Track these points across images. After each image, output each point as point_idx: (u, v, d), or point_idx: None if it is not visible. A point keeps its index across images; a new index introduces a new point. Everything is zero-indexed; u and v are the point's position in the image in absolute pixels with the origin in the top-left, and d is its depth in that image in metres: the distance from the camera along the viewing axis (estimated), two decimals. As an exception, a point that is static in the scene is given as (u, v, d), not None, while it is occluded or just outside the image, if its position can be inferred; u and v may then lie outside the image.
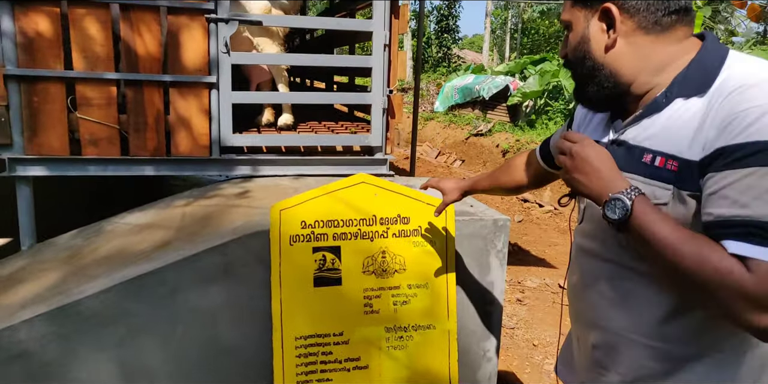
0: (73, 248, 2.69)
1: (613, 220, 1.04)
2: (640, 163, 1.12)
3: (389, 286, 2.31)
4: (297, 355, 2.24)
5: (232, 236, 2.21)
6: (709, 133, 1.01)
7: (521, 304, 4.50)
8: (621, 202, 1.03)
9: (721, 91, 1.03)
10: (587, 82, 1.20)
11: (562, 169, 1.14)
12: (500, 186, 1.81)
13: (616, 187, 1.05)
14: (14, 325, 2.07)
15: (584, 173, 1.09)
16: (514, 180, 1.75)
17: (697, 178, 1.03)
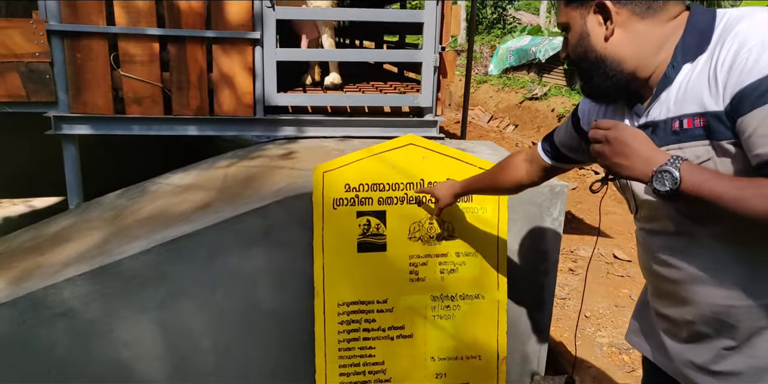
0: (117, 208, 2.67)
1: (665, 192, 1.03)
2: (671, 133, 1.14)
3: (436, 253, 2.20)
4: (339, 322, 2.17)
5: (274, 198, 2.13)
6: (723, 82, 1.04)
7: (573, 273, 4.33)
8: (668, 173, 1.03)
9: (720, 41, 1.07)
10: (592, 75, 1.23)
11: (600, 158, 1.14)
12: (497, 186, 1.79)
13: (658, 160, 1.05)
14: (58, 284, 2.06)
15: (625, 156, 1.09)
16: (513, 179, 1.71)
17: (729, 126, 1.05)
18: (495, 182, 1.77)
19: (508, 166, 1.72)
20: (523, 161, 1.68)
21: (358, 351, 2.19)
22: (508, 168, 1.72)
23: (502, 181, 1.74)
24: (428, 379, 2.24)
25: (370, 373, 2.20)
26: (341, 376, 2.18)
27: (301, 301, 2.20)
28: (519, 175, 1.69)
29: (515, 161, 1.71)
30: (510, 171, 1.71)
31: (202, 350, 2.19)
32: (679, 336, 1.31)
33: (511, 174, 1.71)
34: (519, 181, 1.70)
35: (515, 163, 1.70)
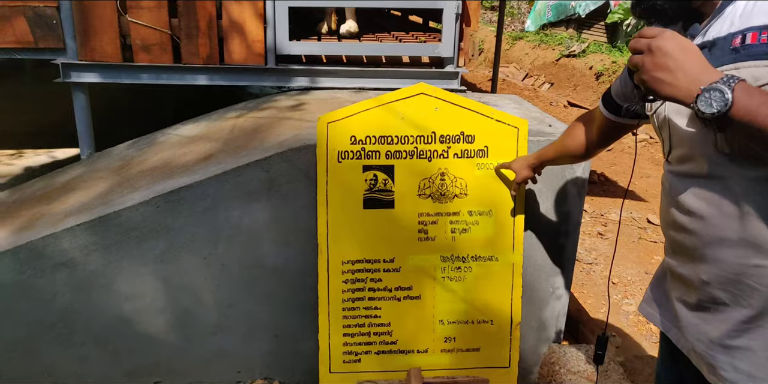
0: (125, 158, 2.60)
1: (711, 115, 0.87)
2: (729, 51, 0.99)
3: (447, 211, 2.08)
4: (344, 281, 2.09)
5: (277, 150, 2.02)
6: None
7: (602, 238, 4.16)
8: (718, 93, 0.87)
9: None
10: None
11: (639, 71, 0.96)
12: (567, 152, 1.69)
13: (708, 78, 0.89)
14: (57, 233, 2.01)
15: (667, 69, 0.92)
16: (580, 142, 1.61)
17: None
18: (564, 148, 1.68)
19: (573, 129, 1.63)
20: (587, 121, 1.58)
21: (363, 311, 2.11)
22: (574, 131, 1.63)
23: (569, 145, 1.65)
24: (436, 342, 2.16)
25: (375, 334, 2.12)
26: (345, 337, 2.11)
27: (305, 259, 2.11)
28: (584, 136, 1.59)
29: (580, 123, 1.62)
30: (576, 134, 1.62)
31: (205, 305, 2.13)
32: (690, 302, 1.18)
33: (577, 136, 1.61)
34: (585, 144, 1.59)
35: (580, 125, 1.61)
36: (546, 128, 2.27)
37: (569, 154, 1.68)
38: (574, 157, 1.70)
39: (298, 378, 2.25)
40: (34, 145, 4.24)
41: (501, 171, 2.05)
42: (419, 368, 2.11)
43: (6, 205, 2.53)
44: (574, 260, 2.30)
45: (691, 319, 1.19)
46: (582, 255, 3.85)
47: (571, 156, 1.69)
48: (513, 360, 2.20)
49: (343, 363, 2.12)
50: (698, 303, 1.16)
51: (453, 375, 2.17)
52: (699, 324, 1.16)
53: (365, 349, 2.13)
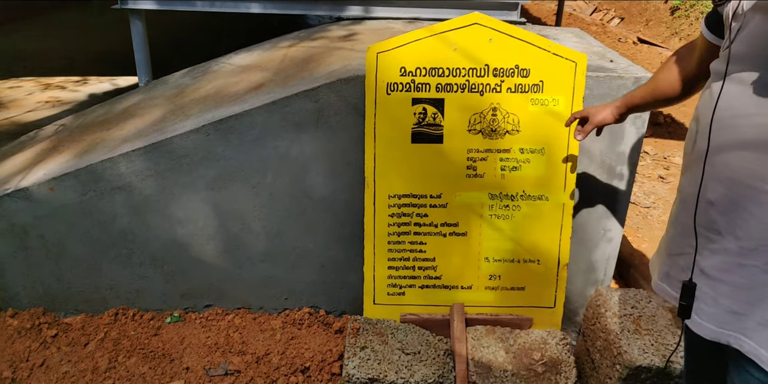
0: (179, 87, 2.63)
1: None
2: None
3: (498, 148, 2.02)
4: (390, 215, 2.09)
5: (325, 80, 1.99)
6: None
7: (663, 181, 4.01)
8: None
9: None
10: None
11: None
12: (660, 92, 1.49)
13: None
14: (114, 158, 2.07)
15: None
16: (675, 78, 1.43)
17: None
18: (656, 88, 1.49)
19: (667, 64, 1.46)
20: (684, 54, 1.41)
21: (408, 245, 2.12)
22: (668, 66, 1.45)
23: (663, 84, 1.46)
24: (481, 279, 2.16)
25: (420, 268, 2.14)
26: (390, 270, 2.14)
27: (353, 192, 2.12)
28: (680, 71, 1.41)
29: (674, 57, 1.45)
30: (670, 69, 1.44)
31: (253, 233, 2.19)
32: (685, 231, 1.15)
33: (672, 72, 1.43)
34: (681, 80, 1.42)
35: (674, 60, 1.44)
36: (607, 64, 2.14)
37: (663, 94, 1.49)
38: (668, 99, 1.50)
39: (343, 308, 2.31)
40: (98, 72, 4.36)
41: (553, 108, 1.96)
42: (462, 304, 2.13)
43: (70, 130, 2.63)
44: (628, 203, 2.22)
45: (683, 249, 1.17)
46: (640, 198, 3.73)
47: (665, 97, 1.49)
48: (558, 301, 2.18)
49: (387, 295, 2.16)
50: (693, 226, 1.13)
51: (496, 312, 2.18)
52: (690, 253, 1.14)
53: (409, 283, 2.15)
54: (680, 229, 1.20)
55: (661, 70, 1.49)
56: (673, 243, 1.24)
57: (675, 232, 1.23)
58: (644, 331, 1.95)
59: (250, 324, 2.22)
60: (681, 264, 1.20)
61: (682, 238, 1.19)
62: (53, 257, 2.16)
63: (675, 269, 1.23)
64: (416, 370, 1.90)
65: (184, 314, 2.25)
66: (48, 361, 1.99)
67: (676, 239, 1.22)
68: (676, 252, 1.23)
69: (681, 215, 1.20)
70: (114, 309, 2.21)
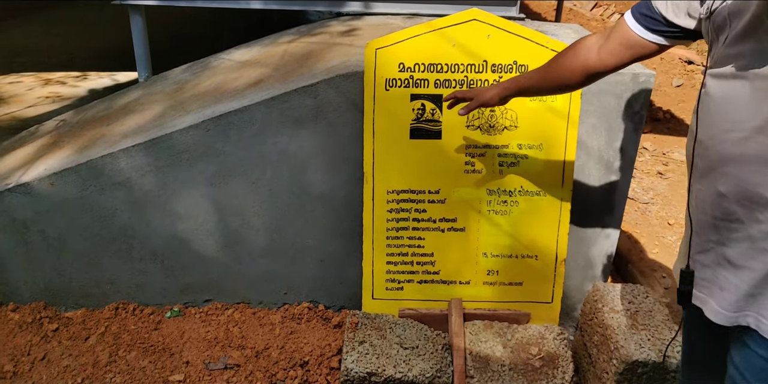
0: (179, 82, 2.64)
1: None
2: None
3: (496, 144, 2.03)
4: (388, 210, 2.10)
5: (324, 76, 2.00)
6: None
7: (662, 177, 4.01)
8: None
9: None
10: None
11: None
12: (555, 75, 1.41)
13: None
14: (114, 153, 2.08)
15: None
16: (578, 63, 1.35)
17: None
18: (554, 72, 1.41)
19: (575, 49, 1.37)
20: (596, 39, 1.34)
21: (406, 241, 2.13)
22: (576, 52, 1.37)
23: (566, 68, 1.38)
24: (479, 275, 2.17)
25: (418, 263, 2.15)
26: (388, 265, 2.15)
27: (352, 187, 2.13)
28: (587, 56, 1.33)
29: (584, 42, 1.36)
30: (579, 55, 1.35)
31: (253, 229, 2.20)
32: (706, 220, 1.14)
33: (577, 56, 1.35)
34: (593, 69, 1.33)
35: (584, 44, 1.36)
36: (607, 59, 2.14)
37: (559, 81, 1.41)
38: (563, 87, 1.44)
39: (342, 302, 2.33)
40: (98, 68, 4.36)
41: (551, 104, 1.97)
42: (460, 299, 2.14)
43: (70, 126, 2.64)
44: (626, 198, 2.24)
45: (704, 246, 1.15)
46: (638, 194, 3.74)
47: (560, 84, 1.43)
48: (556, 296, 2.20)
49: (386, 290, 2.17)
50: (711, 221, 1.12)
51: (494, 307, 2.19)
52: (714, 248, 1.13)
53: (408, 278, 2.16)
54: (697, 228, 1.18)
55: (564, 57, 1.40)
56: (694, 243, 1.20)
57: (692, 232, 1.20)
58: (641, 326, 1.96)
59: (249, 318, 2.24)
60: (704, 261, 1.17)
61: (700, 236, 1.17)
62: (54, 252, 2.18)
63: (699, 269, 1.20)
64: (414, 365, 1.91)
65: (184, 309, 2.26)
66: (49, 354, 2.01)
67: (695, 239, 1.19)
68: (697, 250, 1.19)
69: (696, 213, 1.18)
70: (114, 303, 2.23)
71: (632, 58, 1.29)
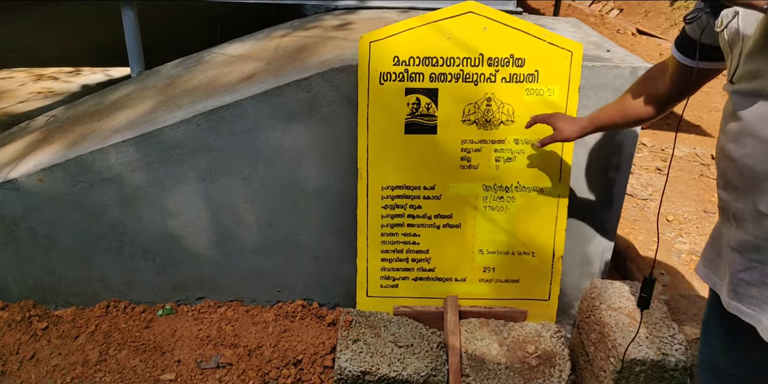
0: (172, 77, 2.60)
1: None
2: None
3: (492, 139, 2.00)
4: (383, 206, 2.07)
5: (317, 70, 1.96)
6: None
7: (660, 173, 3.99)
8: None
9: None
10: None
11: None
12: (631, 111, 1.54)
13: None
14: (104, 149, 2.05)
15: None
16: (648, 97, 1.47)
17: None
18: (627, 106, 1.54)
19: (641, 82, 1.52)
20: (658, 71, 1.46)
21: (401, 237, 2.10)
22: (641, 84, 1.51)
23: (634, 102, 1.51)
24: (475, 272, 2.14)
25: (413, 260, 2.12)
26: (383, 262, 2.12)
27: (346, 183, 2.09)
28: (652, 90, 1.45)
29: (649, 74, 1.50)
30: (644, 86, 1.49)
31: (246, 225, 2.16)
32: (743, 240, 1.10)
33: (646, 89, 1.47)
34: (654, 99, 1.46)
35: (649, 76, 1.49)
36: (604, 53, 2.11)
37: (635, 115, 1.53)
38: (639, 120, 1.55)
39: (336, 300, 2.29)
40: (91, 63, 4.31)
41: (548, 98, 1.94)
42: (456, 296, 2.11)
43: (61, 121, 2.60)
44: (623, 195, 2.20)
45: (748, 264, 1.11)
46: (637, 190, 3.72)
47: (636, 118, 1.54)
48: (553, 293, 2.17)
49: (381, 288, 2.14)
50: (754, 240, 1.08)
51: (490, 305, 2.16)
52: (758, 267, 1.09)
53: (403, 275, 2.13)
54: (738, 246, 1.15)
55: (632, 91, 1.52)
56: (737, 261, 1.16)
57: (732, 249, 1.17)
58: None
59: (242, 316, 2.21)
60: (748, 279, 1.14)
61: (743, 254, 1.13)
62: (43, 249, 2.14)
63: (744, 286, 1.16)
64: (409, 363, 1.88)
65: (176, 307, 2.23)
66: (38, 354, 1.97)
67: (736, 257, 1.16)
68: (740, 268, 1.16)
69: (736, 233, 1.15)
70: (105, 301, 2.20)
71: (694, 82, 1.35)
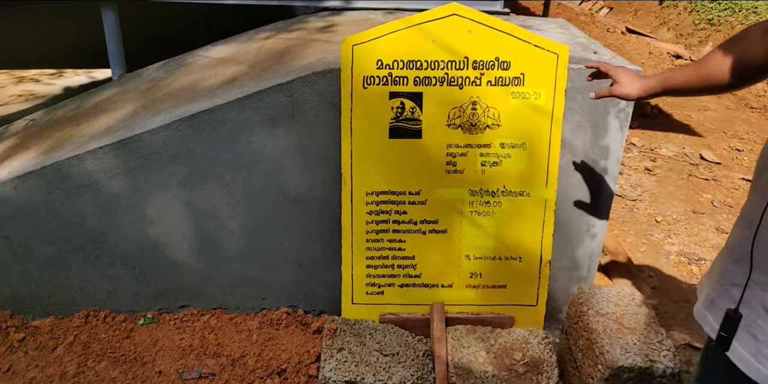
0: (153, 80, 2.55)
1: None
2: None
3: (478, 143, 1.96)
4: (368, 212, 2.03)
5: (300, 74, 1.92)
6: None
7: (650, 173, 3.97)
8: None
9: None
10: None
11: None
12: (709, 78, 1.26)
13: None
14: (81, 155, 2.00)
15: None
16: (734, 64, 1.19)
17: None
18: (710, 67, 1.25)
19: (735, 41, 1.21)
20: (762, 32, 1.15)
21: (386, 243, 2.07)
22: (735, 44, 1.21)
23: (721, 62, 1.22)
24: (461, 277, 2.11)
25: (399, 267, 2.09)
26: (368, 269, 2.08)
27: (330, 188, 2.05)
28: (751, 51, 1.15)
29: (747, 35, 1.19)
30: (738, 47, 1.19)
31: (228, 232, 2.12)
32: None
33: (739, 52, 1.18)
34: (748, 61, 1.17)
35: (746, 37, 1.19)
36: (590, 55, 2.08)
37: (719, 77, 1.24)
38: (720, 84, 1.25)
39: (322, 307, 2.26)
40: (74, 64, 4.25)
41: (534, 102, 1.91)
42: (443, 303, 2.08)
43: (39, 126, 2.54)
44: (612, 197, 2.18)
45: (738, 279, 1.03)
46: (626, 191, 3.70)
47: (718, 81, 1.25)
48: (541, 298, 2.14)
49: (366, 295, 2.10)
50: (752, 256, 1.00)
51: (478, 311, 2.13)
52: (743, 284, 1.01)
53: (388, 282, 2.10)
54: (736, 256, 1.06)
55: (722, 51, 1.24)
56: (728, 271, 1.09)
57: (731, 259, 1.09)
58: (627, 330, 1.91)
59: (226, 325, 2.16)
60: (734, 295, 1.05)
61: (740, 265, 1.05)
62: (19, 258, 2.09)
63: (724, 298, 1.09)
64: (394, 372, 1.85)
65: (158, 315, 2.18)
66: (15, 366, 1.93)
67: (730, 267, 1.08)
68: (729, 282, 1.08)
69: (742, 241, 1.06)
70: (85, 311, 2.15)
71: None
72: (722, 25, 6.85)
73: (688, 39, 7.15)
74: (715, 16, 6.99)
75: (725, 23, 6.84)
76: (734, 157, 4.30)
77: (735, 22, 6.74)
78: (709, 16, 7.07)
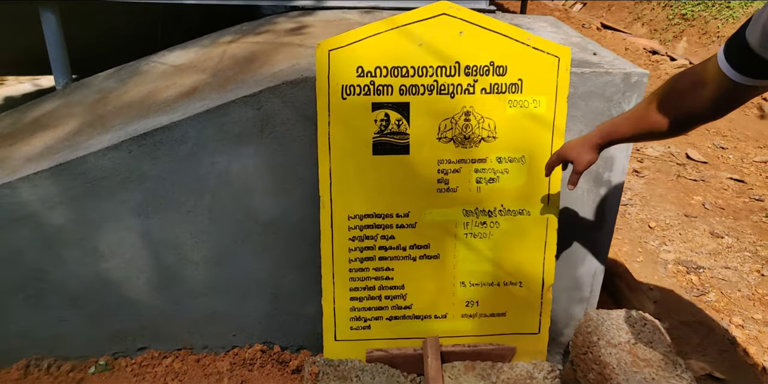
0: (102, 91, 2.27)
1: None
2: None
3: (472, 158, 1.74)
4: (350, 238, 1.80)
5: (269, 84, 1.68)
6: None
7: (638, 176, 3.82)
8: None
9: None
10: None
11: None
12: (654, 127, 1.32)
13: None
14: (12, 183, 1.72)
15: None
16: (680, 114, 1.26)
17: None
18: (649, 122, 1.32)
19: (667, 96, 1.28)
20: (692, 86, 1.20)
21: (373, 272, 1.83)
22: (669, 98, 1.27)
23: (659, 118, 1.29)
24: (456, 307, 1.89)
25: (387, 298, 1.86)
26: (353, 301, 1.85)
27: (306, 211, 1.82)
28: (685, 105, 1.22)
29: (679, 89, 1.25)
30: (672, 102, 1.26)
31: (191, 263, 1.87)
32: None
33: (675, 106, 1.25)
34: (691, 115, 1.23)
35: (680, 91, 1.24)
36: (590, 57, 1.88)
37: (657, 129, 1.31)
38: (661, 133, 1.33)
39: (300, 342, 2.02)
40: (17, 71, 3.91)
41: (534, 111, 1.70)
42: (437, 337, 1.86)
43: (-30, 145, 2.24)
44: (616, 212, 1.99)
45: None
46: (616, 196, 3.53)
47: (659, 132, 1.32)
48: (543, 325, 1.94)
49: (351, 330, 1.87)
50: None
51: (475, 342, 1.92)
52: None
53: (376, 315, 1.87)
54: None
55: (658, 105, 1.30)
56: None
57: None
58: (642, 362, 1.72)
59: (192, 368, 1.91)
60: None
61: None
62: (-53, 303, 1.81)
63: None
64: (388, 424, 1.62)
65: (112, 361, 1.92)
66: (-57, 431, 1.65)
67: None
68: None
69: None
70: (25, 360, 1.87)
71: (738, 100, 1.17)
72: (696, 20, 6.78)
73: (662, 34, 7.06)
74: (688, 11, 6.91)
75: (699, 18, 6.77)
76: (719, 156, 4.18)
77: (708, 16, 6.67)
78: (683, 10, 6.99)
